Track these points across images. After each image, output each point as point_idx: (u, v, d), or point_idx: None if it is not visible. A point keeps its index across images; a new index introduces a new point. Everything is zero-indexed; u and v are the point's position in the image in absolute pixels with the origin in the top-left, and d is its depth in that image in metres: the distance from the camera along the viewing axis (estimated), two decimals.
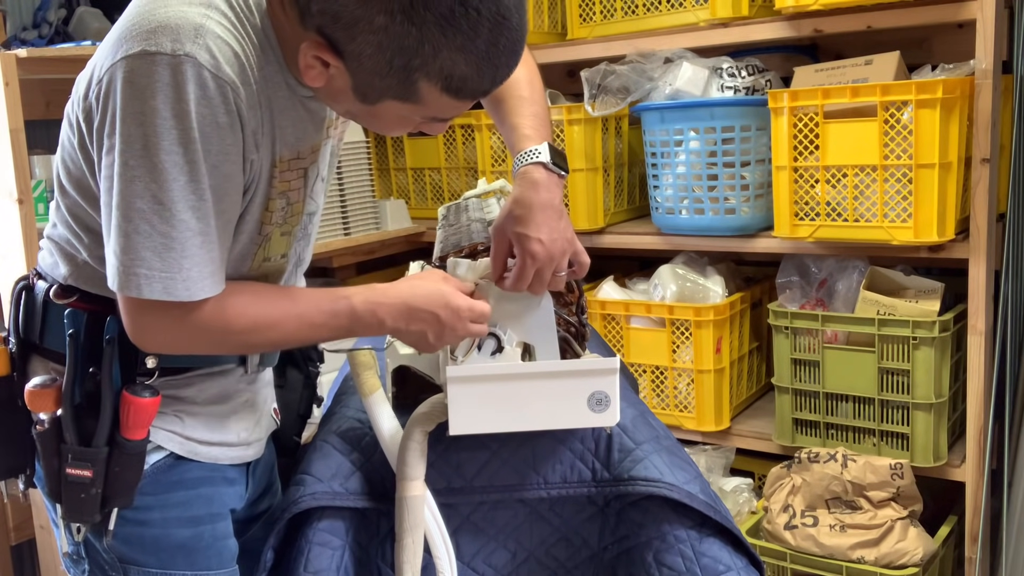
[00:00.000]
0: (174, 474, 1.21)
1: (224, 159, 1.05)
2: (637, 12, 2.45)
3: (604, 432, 1.32)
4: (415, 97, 1.06)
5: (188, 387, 1.21)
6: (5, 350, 1.23)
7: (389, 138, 3.06)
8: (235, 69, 1.04)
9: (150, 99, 1.00)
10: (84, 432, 1.14)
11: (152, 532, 1.20)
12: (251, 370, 1.27)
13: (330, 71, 1.05)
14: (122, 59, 1.01)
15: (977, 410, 2.06)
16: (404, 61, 1.02)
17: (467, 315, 1.18)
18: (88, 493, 1.14)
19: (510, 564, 1.35)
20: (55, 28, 2.57)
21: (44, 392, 1.15)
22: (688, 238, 2.40)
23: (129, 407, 1.13)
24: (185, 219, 1.04)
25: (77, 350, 1.14)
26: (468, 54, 1.02)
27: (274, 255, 1.22)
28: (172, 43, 1.00)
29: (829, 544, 2.05)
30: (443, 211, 1.65)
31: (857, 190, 2.05)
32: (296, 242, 1.26)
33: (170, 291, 1.05)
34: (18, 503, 2.41)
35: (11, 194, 2.03)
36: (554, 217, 1.22)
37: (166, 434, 1.20)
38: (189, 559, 1.22)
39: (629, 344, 2.44)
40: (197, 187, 1.03)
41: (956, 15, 1.98)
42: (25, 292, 1.22)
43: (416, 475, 1.25)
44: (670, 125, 2.32)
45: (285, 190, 1.17)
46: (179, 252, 1.04)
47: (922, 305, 2.11)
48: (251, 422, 1.30)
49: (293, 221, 1.22)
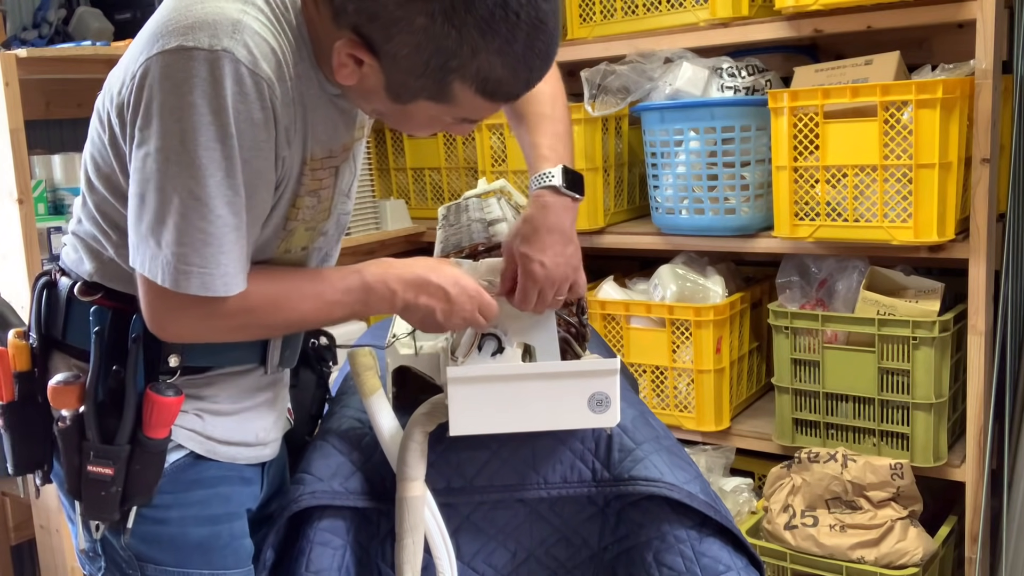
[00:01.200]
0: (193, 473, 1.21)
1: (257, 154, 1.05)
2: (637, 12, 2.45)
3: (604, 432, 1.32)
4: (449, 98, 1.07)
5: (209, 386, 1.21)
6: (26, 346, 1.22)
7: (389, 138, 3.06)
8: (271, 65, 1.04)
9: (187, 94, 1.00)
10: (106, 430, 1.14)
11: (170, 531, 1.20)
12: (271, 370, 1.27)
13: (363, 69, 1.05)
14: (158, 54, 1.01)
15: (977, 410, 2.06)
16: (441, 62, 1.02)
17: (476, 299, 1.19)
18: (108, 491, 1.14)
19: (510, 564, 1.35)
20: (55, 28, 2.57)
21: (68, 389, 1.15)
22: (688, 238, 2.40)
23: (153, 406, 1.13)
24: (222, 214, 1.04)
25: (102, 347, 1.14)
26: (505, 57, 1.03)
27: (295, 247, 1.22)
28: (210, 39, 1.00)
29: (829, 544, 2.05)
30: (443, 211, 1.65)
31: (857, 190, 2.05)
32: (321, 237, 1.25)
33: (208, 287, 1.05)
34: (18, 503, 2.42)
35: (11, 194, 2.03)
36: (560, 241, 1.22)
37: (187, 433, 1.20)
38: (206, 558, 1.22)
39: (629, 344, 2.44)
40: (233, 182, 1.04)
41: (956, 15, 1.98)
42: (48, 288, 1.22)
43: (416, 475, 1.25)
44: (670, 125, 2.32)
45: (316, 188, 1.18)
46: (216, 248, 1.04)
47: (922, 305, 2.11)
48: (269, 422, 1.30)
49: (320, 218, 1.22)
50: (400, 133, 3.02)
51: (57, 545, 2.25)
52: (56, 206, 2.43)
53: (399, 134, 3.03)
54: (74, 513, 1.22)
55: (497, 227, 1.57)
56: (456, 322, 1.20)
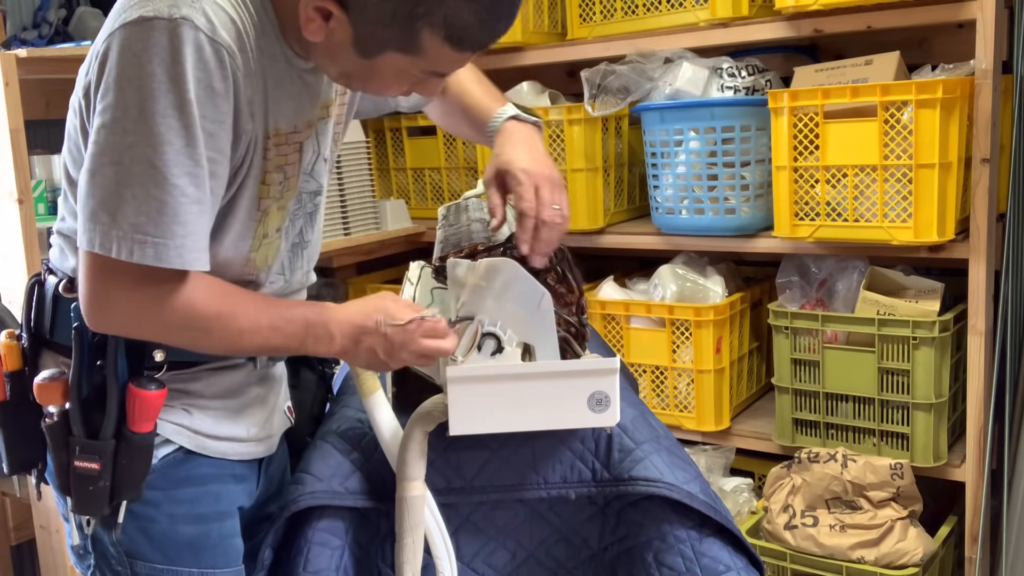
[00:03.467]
0: (183, 470, 1.21)
1: (218, 127, 1.05)
2: (637, 12, 2.45)
3: (604, 432, 1.32)
4: (416, 48, 1.07)
5: (196, 381, 1.22)
6: (17, 345, 1.23)
7: (389, 138, 3.06)
8: (231, 35, 1.04)
9: (146, 64, 1.00)
10: (91, 425, 1.14)
11: (159, 528, 1.20)
12: (260, 365, 1.27)
13: (331, 24, 1.06)
14: (120, 27, 1.01)
15: (977, 410, 2.06)
16: (408, 8, 1.03)
17: (417, 329, 1.16)
18: (96, 486, 1.14)
19: (510, 564, 1.35)
20: (55, 28, 2.57)
21: (52, 385, 1.16)
22: (688, 238, 2.40)
23: (135, 400, 1.13)
24: (180, 184, 1.03)
25: (83, 343, 1.14)
26: (472, 3, 1.03)
27: (271, 230, 1.22)
28: (168, 7, 1.00)
29: (829, 544, 2.05)
30: (443, 211, 1.65)
31: (857, 190, 2.05)
32: (293, 218, 1.25)
33: (161, 257, 1.03)
34: (18, 503, 2.42)
35: (11, 194, 2.03)
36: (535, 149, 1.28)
37: (174, 427, 1.20)
38: (195, 556, 1.22)
39: (629, 344, 2.44)
40: (193, 152, 1.03)
41: (956, 15, 1.98)
42: (37, 287, 1.23)
43: (416, 475, 1.25)
44: (670, 125, 2.32)
45: (282, 164, 1.18)
46: (171, 218, 1.03)
47: (922, 305, 2.11)
48: (261, 418, 1.30)
49: (288, 196, 1.22)
50: (400, 133, 3.02)
51: (57, 545, 2.25)
52: (56, 206, 2.43)
53: (399, 134, 3.03)
54: (67, 510, 1.22)
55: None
56: (404, 357, 1.18)
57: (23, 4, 2.62)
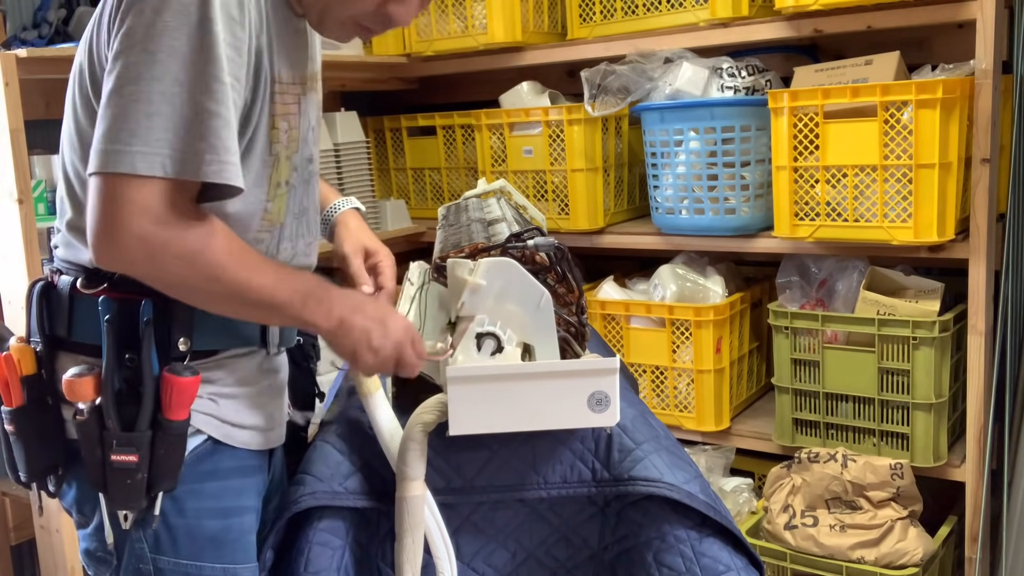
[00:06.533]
0: (209, 463, 1.22)
1: (236, 53, 1.08)
2: (637, 12, 2.45)
3: (604, 432, 1.32)
4: None
5: (218, 369, 1.23)
6: (31, 349, 1.22)
7: (389, 138, 3.06)
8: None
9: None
10: (126, 417, 1.15)
11: (185, 522, 1.21)
12: (272, 351, 1.29)
13: None
14: None
15: (977, 410, 2.06)
16: None
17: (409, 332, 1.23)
18: (134, 478, 1.14)
19: (510, 564, 1.35)
20: (55, 28, 2.57)
21: (83, 381, 1.15)
22: (688, 238, 2.40)
23: (172, 387, 1.14)
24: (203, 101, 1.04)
25: (114, 336, 1.15)
26: None
27: (282, 180, 1.23)
28: None
29: (829, 544, 2.05)
30: (443, 211, 1.65)
31: (857, 190, 2.05)
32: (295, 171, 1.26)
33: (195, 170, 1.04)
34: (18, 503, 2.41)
35: (11, 194, 2.03)
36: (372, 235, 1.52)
37: (203, 417, 1.21)
38: (218, 552, 1.23)
39: (629, 344, 2.44)
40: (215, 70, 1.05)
41: (956, 15, 1.98)
42: (47, 290, 1.22)
43: (416, 475, 1.25)
44: (670, 125, 2.32)
45: (286, 114, 1.20)
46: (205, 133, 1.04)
47: (922, 305, 2.11)
48: (277, 405, 1.32)
49: (292, 148, 1.23)
50: (400, 133, 3.02)
51: (57, 545, 2.25)
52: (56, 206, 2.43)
53: (399, 134, 3.02)
54: (91, 514, 1.22)
55: (497, 227, 1.57)
56: (388, 350, 1.20)
57: (23, 4, 2.62)
